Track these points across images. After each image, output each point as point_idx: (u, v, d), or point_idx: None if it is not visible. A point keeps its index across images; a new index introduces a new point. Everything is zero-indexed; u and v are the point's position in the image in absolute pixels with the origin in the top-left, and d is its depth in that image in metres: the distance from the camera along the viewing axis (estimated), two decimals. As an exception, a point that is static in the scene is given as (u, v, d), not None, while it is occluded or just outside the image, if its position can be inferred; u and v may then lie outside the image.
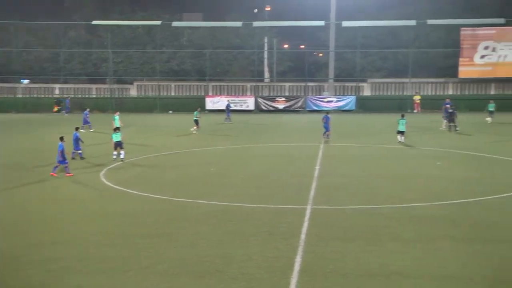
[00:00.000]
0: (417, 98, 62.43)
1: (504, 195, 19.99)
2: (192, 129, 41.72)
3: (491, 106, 48.57)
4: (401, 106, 63.13)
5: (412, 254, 13.68)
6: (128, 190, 21.45)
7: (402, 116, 34.81)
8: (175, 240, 15.05)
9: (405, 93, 65.72)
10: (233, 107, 56.86)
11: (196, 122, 42.05)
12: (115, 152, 28.26)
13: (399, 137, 34.42)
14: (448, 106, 44.72)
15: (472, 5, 71.38)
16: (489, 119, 47.37)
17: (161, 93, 68.76)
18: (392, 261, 13.18)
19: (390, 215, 17.30)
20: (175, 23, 69.93)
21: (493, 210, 17.89)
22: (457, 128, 40.50)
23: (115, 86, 70.73)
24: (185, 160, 29.68)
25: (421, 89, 65.85)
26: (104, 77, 73.36)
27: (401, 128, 34.26)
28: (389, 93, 66.76)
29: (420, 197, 19.81)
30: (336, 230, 15.74)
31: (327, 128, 36.71)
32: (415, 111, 61.91)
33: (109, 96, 68.26)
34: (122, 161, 27.91)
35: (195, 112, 42.80)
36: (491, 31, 63.44)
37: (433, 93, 66.07)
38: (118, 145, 28.22)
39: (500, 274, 12.35)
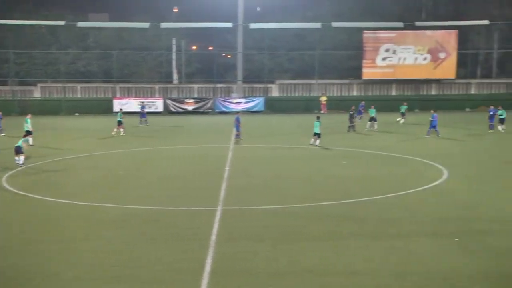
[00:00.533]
0: (323, 99, 63.84)
1: (406, 192, 20.79)
2: (113, 132, 40.88)
3: (403, 108, 49.87)
4: (308, 106, 64.47)
5: (320, 251, 13.98)
6: (32, 196, 20.72)
7: (318, 118, 34.97)
8: (83, 245, 14.69)
9: (312, 94, 67.05)
10: (138, 110, 55.92)
11: (120, 123, 41.22)
12: (16, 157, 27.19)
13: (312, 140, 34.27)
14: (363, 108, 46.60)
15: (373, 9, 73.98)
16: (400, 119, 48.77)
17: (67, 95, 66.80)
18: (301, 259, 13.43)
19: (300, 215, 17.61)
20: (80, 24, 68.01)
21: (396, 207, 18.55)
22: (354, 129, 41.71)
23: (18, 88, 68.03)
24: (94, 163, 28.99)
25: (327, 90, 67.38)
26: (5, 79, 70.41)
27: (316, 130, 34.19)
28: (296, 94, 67.90)
29: (327, 196, 20.27)
30: (246, 230, 15.86)
31: (238, 129, 36.95)
32: (321, 111, 63.27)
33: (11, 98, 65.61)
34: (21, 166, 26.87)
35: (119, 114, 42.07)
36: (392, 34, 65.83)
37: (339, 94, 67.75)
38: (18, 150, 27.15)
39: (403, 267, 12.84)
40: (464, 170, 25.23)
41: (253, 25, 64.81)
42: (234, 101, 64.02)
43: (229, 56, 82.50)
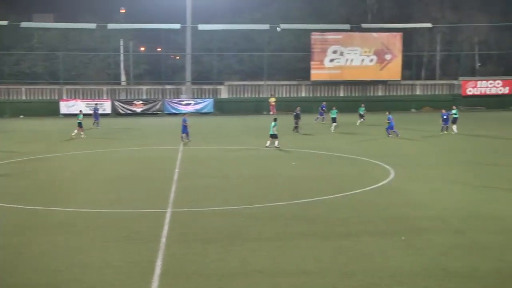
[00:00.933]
0: (272, 100, 64.19)
1: (354, 192, 21.13)
2: (73, 134, 40.11)
3: (361, 110, 50.13)
4: (258, 108, 64.76)
5: (271, 252, 14.09)
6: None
7: (275, 120, 34.62)
8: (27, 250, 14.38)
9: (261, 95, 67.31)
10: (88, 111, 55.07)
11: (80, 125, 40.51)
12: None
13: (269, 142, 33.91)
14: (324, 108, 48.78)
15: (321, 11, 74.86)
16: (359, 121, 49.01)
17: (11, 97, 65.19)
18: (252, 260, 13.51)
19: (250, 215, 17.69)
20: (24, 24, 66.51)
21: (344, 206, 18.83)
22: (299, 130, 42.04)
23: (-42, 89, 66.09)
24: (42, 165, 28.44)
25: (276, 91, 67.74)
26: None
27: (271, 131, 33.68)
28: (245, 96, 68.03)
29: (277, 196, 20.42)
30: (197, 232, 15.84)
31: (184, 130, 36.82)
32: (271, 113, 63.64)
33: (-48, 100, 63.69)
34: None
35: (79, 115, 41.47)
36: (339, 36, 66.65)
37: (288, 95, 68.20)
38: None
39: (352, 266, 13.05)
40: (410, 170, 25.78)
41: (201, 27, 64.66)
42: (183, 102, 63.74)
43: (178, 58, 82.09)
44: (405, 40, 68.00)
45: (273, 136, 33.81)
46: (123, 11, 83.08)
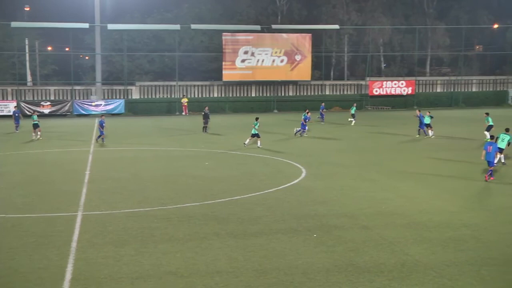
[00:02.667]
0: (184, 100, 64.01)
1: (267, 191, 21.40)
2: (33, 136, 38.78)
3: (353, 109, 49.81)
4: (170, 108, 64.40)
5: (184, 253, 14.06)
6: None
7: (256, 119, 34.05)
8: None
9: (173, 96, 66.90)
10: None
11: (36, 126, 38.97)
12: None
13: (248, 140, 33.56)
14: (324, 110, 49.20)
15: (231, 12, 75.32)
16: (352, 120, 48.70)
17: None
18: (165, 261, 13.43)
19: (162, 216, 17.57)
20: None
21: (257, 206, 19.02)
22: (207, 131, 42.16)
23: None
24: None
25: (188, 92, 67.58)
26: None
27: (254, 130, 33.36)
28: (157, 96, 67.43)
29: (190, 197, 20.39)
30: (108, 235, 15.59)
31: (101, 132, 36.14)
32: (183, 113, 63.44)
33: None
34: None
35: (33, 116, 40.05)
36: (250, 36, 67.25)
37: (200, 96, 68.19)
38: None
39: (265, 264, 13.23)
40: (320, 169, 26.38)
41: (110, 26, 63.58)
42: (93, 103, 62.40)
43: (87, 58, 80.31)
44: (314, 41, 69.47)
45: (255, 135, 33.72)
46: (28, 8, 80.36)
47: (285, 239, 15.12)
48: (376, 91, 69.89)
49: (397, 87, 70.43)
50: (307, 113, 41.48)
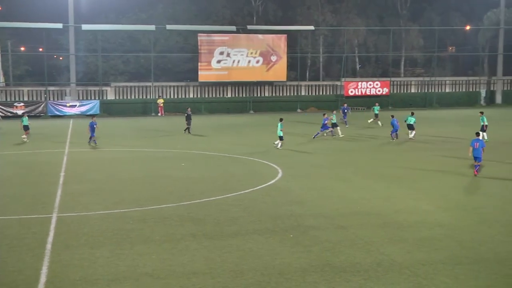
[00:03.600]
0: (160, 101, 63.77)
1: (244, 191, 21.42)
2: (23, 137, 38.29)
3: (376, 108, 48.78)
4: (145, 109, 64.10)
5: (160, 254, 14.00)
6: None
7: (281, 120, 33.93)
8: None
9: (148, 97, 66.59)
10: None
11: (27, 128, 38.72)
12: None
13: (278, 142, 33.44)
14: (347, 111, 48.13)
15: (207, 13, 75.18)
16: (373, 120, 47.76)
17: None
18: (141, 263, 13.37)
19: (139, 218, 17.48)
20: None
21: (234, 206, 19.03)
22: (190, 132, 42.01)
23: None
24: None
25: (164, 93, 67.33)
26: None
27: (279, 132, 33.19)
28: (133, 97, 67.06)
29: (166, 198, 20.32)
30: (83, 237, 15.46)
31: (92, 134, 35.72)
32: (159, 114, 63.18)
33: None
34: None
35: (24, 118, 39.75)
36: (225, 37, 67.20)
37: (176, 97, 67.98)
38: None
39: (242, 265, 13.23)
40: (296, 169, 26.47)
41: (85, 27, 63.09)
42: (68, 104, 61.85)
43: (61, 58, 79.56)
44: (289, 42, 69.70)
45: (279, 138, 33.57)
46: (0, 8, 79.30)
47: (261, 240, 15.14)
48: (352, 91, 70.28)
49: (372, 87, 70.90)
50: (324, 115, 40.42)
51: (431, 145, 34.95)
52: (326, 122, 39.13)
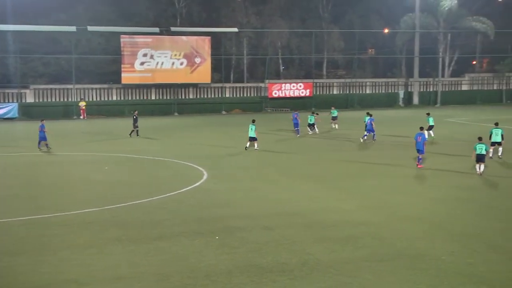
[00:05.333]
0: (82, 104, 62.41)
1: (168, 194, 21.29)
2: None
3: (334, 112, 46.42)
4: (67, 112, 62.55)
5: (85, 260, 13.74)
6: None
7: (253, 121, 33.70)
8: None
9: (70, 99, 64.97)
10: None
11: None
12: None
13: (248, 144, 33.26)
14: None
15: (129, 14, 74.07)
16: (334, 125, 45.94)
17: None
18: (64, 269, 13.08)
19: (61, 223, 17.08)
20: None
21: (158, 209, 18.88)
22: (138, 134, 41.37)
23: None
24: None
25: (86, 95, 65.90)
26: None
27: (251, 134, 32.93)
28: (54, 100, 65.21)
29: (89, 203, 19.92)
30: (3, 245, 14.97)
31: (43, 138, 34.40)
32: (81, 117, 61.83)
33: None
34: None
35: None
36: (148, 39, 66.46)
37: (98, 99, 66.66)
38: None
39: (167, 268, 13.14)
40: (221, 171, 26.52)
41: (2, 27, 60.94)
42: (-15, 107, 59.58)
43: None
44: (213, 43, 69.66)
45: (252, 139, 33.17)
46: None
47: (187, 242, 15.10)
48: (275, 93, 70.93)
49: (296, 89, 71.81)
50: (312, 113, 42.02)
51: (354, 146, 35.67)
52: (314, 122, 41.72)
